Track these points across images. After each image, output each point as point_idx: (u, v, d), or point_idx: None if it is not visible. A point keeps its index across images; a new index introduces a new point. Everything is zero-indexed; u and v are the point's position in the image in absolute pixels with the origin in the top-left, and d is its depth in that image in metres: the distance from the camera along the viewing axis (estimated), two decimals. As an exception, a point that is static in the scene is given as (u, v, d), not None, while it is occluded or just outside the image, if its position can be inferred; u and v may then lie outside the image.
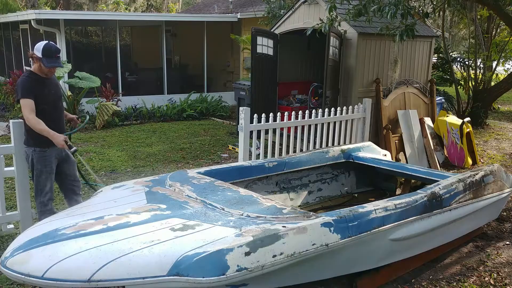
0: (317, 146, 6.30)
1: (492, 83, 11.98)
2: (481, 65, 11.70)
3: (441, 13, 11.34)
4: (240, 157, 5.54)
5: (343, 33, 7.16)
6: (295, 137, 6.07)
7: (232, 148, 8.10)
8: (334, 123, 6.47)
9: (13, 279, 2.67)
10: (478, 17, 11.39)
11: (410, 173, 5.00)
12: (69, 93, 10.12)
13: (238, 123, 5.55)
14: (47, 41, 3.89)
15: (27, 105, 3.74)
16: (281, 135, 5.92)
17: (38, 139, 3.88)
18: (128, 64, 13.61)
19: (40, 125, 3.78)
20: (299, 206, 4.96)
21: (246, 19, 13.24)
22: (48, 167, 3.99)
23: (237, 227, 2.87)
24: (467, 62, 11.58)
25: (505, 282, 3.86)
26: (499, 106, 14.67)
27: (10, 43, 15.26)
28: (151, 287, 2.54)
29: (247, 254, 2.62)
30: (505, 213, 5.38)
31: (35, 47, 3.83)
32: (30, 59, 3.90)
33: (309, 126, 6.26)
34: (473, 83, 11.25)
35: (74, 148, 3.91)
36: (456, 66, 11.96)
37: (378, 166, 5.14)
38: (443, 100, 9.92)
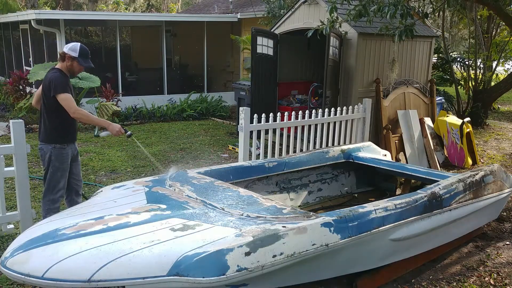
0: (317, 146, 6.30)
1: (492, 83, 11.98)
2: (481, 65, 11.70)
3: (441, 13, 11.35)
4: (240, 157, 5.54)
5: (344, 34, 7.16)
6: (295, 137, 6.07)
7: (232, 148, 8.09)
8: (334, 123, 6.47)
9: (13, 279, 2.67)
10: (478, 17, 11.39)
11: (410, 173, 5.01)
12: (69, 93, 10.11)
13: (238, 123, 5.55)
14: (79, 43, 4.06)
15: (71, 99, 3.89)
16: (281, 135, 5.92)
17: (59, 135, 4.00)
18: (128, 64, 13.59)
19: (91, 115, 4.08)
20: (299, 206, 4.96)
21: (246, 19, 13.24)
22: (65, 164, 4.07)
23: (237, 227, 2.87)
24: (467, 62, 11.57)
25: (505, 282, 3.86)
26: (499, 106, 14.67)
27: (10, 43, 15.26)
28: (151, 287, 2.54)
29: (247, 254, 2.62)
30: (505, 213, 5.38)
31: (68, 47, 3.97)
32: (59, 57, 4.03)
33: (309, 126, 6.26)
34: (473, 83, 11.25)
35: (129, 132, 4.17)
36: (456, 66, 11.96)
37: (378, 166, 5.14)
38: (443, 100, 9.91)
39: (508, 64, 13.40)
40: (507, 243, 4.65)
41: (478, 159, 7.67)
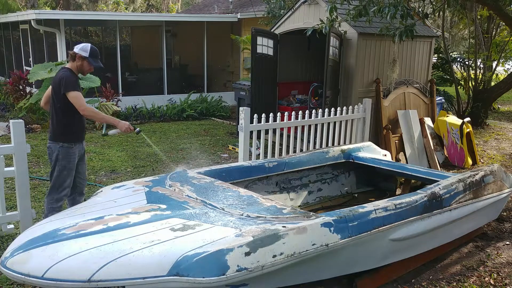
0: (317, 146, 6.30)
1: (492, 83, 11.98)
2: (481, 65, 11.70)
3: (441, 13, 11.34)
4: (240, 157, 5.54)
5: (343, 33, 7.16)
6: (295, 137, 6.07)
7: (232, 148, 8.10)
8: (334, 123, 6.47)
9: (13, 279, 2.67)
10: (478, 17, 11.39)
11: (410, 173, 5.01)
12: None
13: (238, 123, 5.55)
14: (89, 43, 4.12)
15: (81, 97, 3.98)
16: (281, 135, 5.92)
17: (67, 134, 4.04)
18: (128, 64, 13.60)
19: (101, 113, 4.18)
20: (299, 206, 4.96)
21: (246, 19, 13.24)
22: (72, 163, 4.10)
23: (237, 227, 2.87)
24: (467, 62, 11.58)
25: (505, 282, 3.86)
26: (499, 106, 14.67)
27: (10, 43, 15.26)
28: (151, 287, 2.55)
29: (247, 254, 2.62)
30: (505, 213, 5.38)
31: (79, 47, 4.04)
32: (69, 57, 4.08)
33: (309, 126, 6.26)
34: (473, 83, 11.25)
35: (138, 129, 4.25)
36: (456, 66, 11.96)
37: (378, 166, 5.14)
38: (443, 100, 9.92)
39: (508, 64, 13.43)
40: (507, 243, 4.65)
41: (478, 159, 7.67)
